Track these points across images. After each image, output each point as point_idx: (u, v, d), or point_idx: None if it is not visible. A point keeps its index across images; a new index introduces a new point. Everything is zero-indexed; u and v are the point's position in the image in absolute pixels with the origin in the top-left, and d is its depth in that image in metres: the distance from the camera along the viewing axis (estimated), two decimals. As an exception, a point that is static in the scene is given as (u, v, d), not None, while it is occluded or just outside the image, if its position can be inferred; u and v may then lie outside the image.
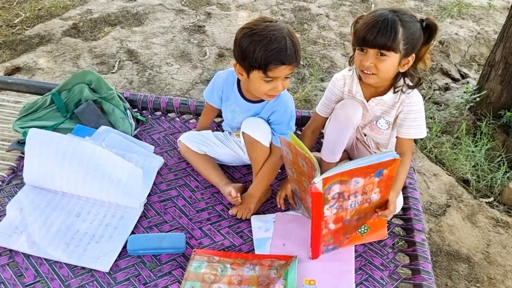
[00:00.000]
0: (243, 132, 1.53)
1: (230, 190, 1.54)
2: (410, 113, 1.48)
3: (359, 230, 1.42)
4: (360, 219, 1.37)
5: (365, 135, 1.65)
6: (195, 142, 1.70)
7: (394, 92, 1.48)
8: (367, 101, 1.52)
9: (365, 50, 1.38)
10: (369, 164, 1.21)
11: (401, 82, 1.46)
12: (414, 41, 1.36)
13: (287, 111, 1.54)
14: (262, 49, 1.34)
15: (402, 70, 1.43)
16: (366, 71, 1.40)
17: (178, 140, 1.76)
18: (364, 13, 1.43)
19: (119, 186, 1.53)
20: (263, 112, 1.56)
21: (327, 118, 1.64)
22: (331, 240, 1.35)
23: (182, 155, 1.76)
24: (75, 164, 1.53)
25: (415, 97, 1.47)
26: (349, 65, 1.55)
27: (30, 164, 1.55)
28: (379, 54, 1.36)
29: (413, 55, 1.40)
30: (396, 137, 1.55)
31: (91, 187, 1.53)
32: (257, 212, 1.57)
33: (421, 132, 1.50)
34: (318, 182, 1.18)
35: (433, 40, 1.41)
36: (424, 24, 1.38)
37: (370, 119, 1.57)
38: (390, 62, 1.37)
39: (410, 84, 1.46)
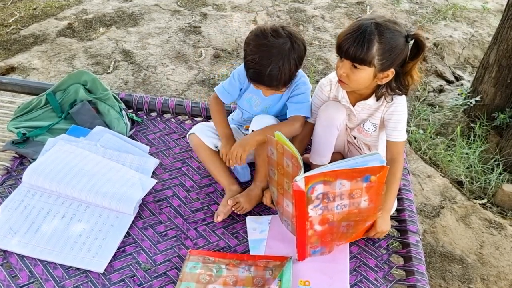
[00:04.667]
0: (252, 130, 1.54)
1: (227, 209, 1.54)
2: (393, 114, 1.47)
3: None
4: (350, 227, 1.36)
5: (355, 138, 1.66)
6: (209, 136, 1.63)
7: (377, 100, 1.48)
8: (353, 106, 1.53)
9: (342, 58, 1.38)
10: (354, 167, 1.21)
11: (383, 89, 1.45)
12: (393, 56, 1.33)
13: (307, 89, 1.59)
14: (248, 65, 1.45)
15: (380, 83, 1.41)
16: (339, 78, 1.42)
17: (189, 133, 1.67)
18: (360, 15, 1.43)
19: (116, 195, 1.53)
20: (284, 96, 1.60)
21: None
22: (318, 242, 1.35)
23: (193, 148, 1.70)
24: (79, 175, 1.57)
25: (398, 98, 1.46)
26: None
27: (39, 166, 1.57)
28: (353, 65, 1.35)
29: (392, 70, 1.36)
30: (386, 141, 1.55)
31: (87, 193, 1.53)
32: (252, 213, 1.57)
33: (403, 135, 1.49)
34: (299, 180, 1.18)
35: (421, 56, 1.37)
36: (409, 39, 1.34)
37: (357, 122, 1.58)
38: (362, 75, 1.36)
39: (395, 90, 1.44)
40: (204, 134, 1.63)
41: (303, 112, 1.57)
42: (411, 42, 1.36)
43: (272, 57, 1.39)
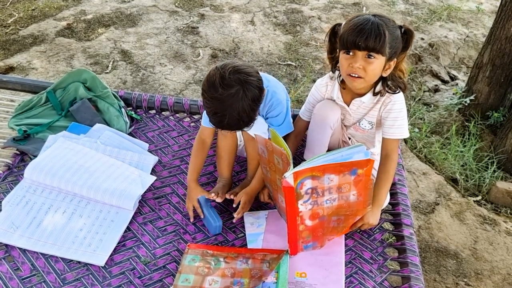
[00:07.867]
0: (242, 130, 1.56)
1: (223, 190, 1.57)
2: (391, 112, 1.49)
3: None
4: (340, 221, 1.39)
5: (349, 138, 1.69)
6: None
7: (374, 95, 1.50)
8: (348, 106, 1.56)
9: (352, 53, 1.39)
10: (341, 162, 1.23)
11: (380, 86, 1.48)
12: (396, 45, 1.39)
13: (282, 108, 1.57)
14: (207, 113, 1.42)
15: (384, 75, 1.45)
16: (353, 75, 1.41)
17: None
18: (341, 22, 1.47)
19: (116, 191, 1.55)
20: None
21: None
22: (310, 237, 1.38)
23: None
24: (80, 171, 1.59)
25: (395, 96, 1.49)
26: (332, 72, 1.59)
27: (40, 163, 1.60)
28: (367, 56, 1.37)
29: (395, 59, 1.42)
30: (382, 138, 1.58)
31: (88, 189, 1.55)
32: (250, 210, 1.60)
33: (403, 132, 1.51)
34: (288, 176, 1.21)
35: (411, 46, 1.43)
36: (402, 30, 1.41)
37: (353, 121, 1.61)
38: (378, 65, 1.39)
39: (392, 87, 1.48)
40: None
41: (285, 132, 1.61)
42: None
43: (227, 109, 1.35)
